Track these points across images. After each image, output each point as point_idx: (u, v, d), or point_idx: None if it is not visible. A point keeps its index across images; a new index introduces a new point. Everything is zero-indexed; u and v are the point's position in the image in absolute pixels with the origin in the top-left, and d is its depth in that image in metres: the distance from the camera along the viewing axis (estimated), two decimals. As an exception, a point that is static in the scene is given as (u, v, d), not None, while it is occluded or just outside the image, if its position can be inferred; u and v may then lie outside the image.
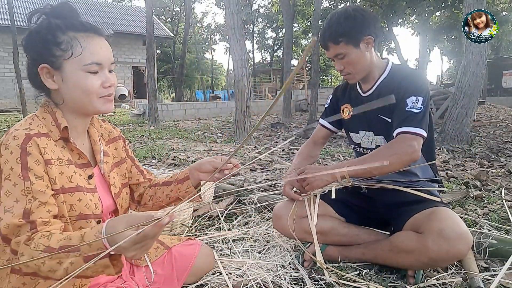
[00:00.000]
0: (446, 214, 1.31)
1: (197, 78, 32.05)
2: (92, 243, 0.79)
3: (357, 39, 1.41)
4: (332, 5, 19.57)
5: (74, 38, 0.92)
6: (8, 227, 0.83)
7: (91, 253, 0.79)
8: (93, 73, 0.94)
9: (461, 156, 4.37)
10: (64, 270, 0.80)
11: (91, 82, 0.93)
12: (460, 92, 5.32)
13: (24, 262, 0.79)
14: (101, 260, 0.79)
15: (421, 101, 1.37)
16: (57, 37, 0.91)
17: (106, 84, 0.96)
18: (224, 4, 6.47)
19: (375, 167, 1.35)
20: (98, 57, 0.94)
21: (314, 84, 9.61)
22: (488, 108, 11.50)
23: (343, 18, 1.41)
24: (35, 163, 0.87)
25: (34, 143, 0.88)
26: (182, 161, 4.06)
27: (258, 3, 45.01)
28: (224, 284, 1.35)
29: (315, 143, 1.79)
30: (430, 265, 1.33)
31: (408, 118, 1.36)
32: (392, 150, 1.35)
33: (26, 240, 0.83)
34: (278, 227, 1.63)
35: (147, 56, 8.97)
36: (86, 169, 1.01)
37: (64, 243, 0.81)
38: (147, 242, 0.80)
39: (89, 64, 0.92)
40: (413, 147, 1.32)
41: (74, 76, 0.93)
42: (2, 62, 15.15)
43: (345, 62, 1.46)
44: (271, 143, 4.35)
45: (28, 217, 0.84)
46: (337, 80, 35.13)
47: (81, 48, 0.92)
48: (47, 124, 0.95)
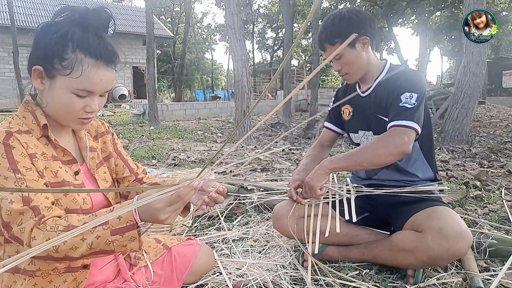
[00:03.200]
0: (446, 213, 1.31)
1: (197, 78, 32.07)
2: (122, 215, 0.83)
3: (352, 40, 1.41)
4: (332, 5, 19.55)
5: (79, 61, 0.88)
6: (11, 213, 0.83)
7: (119, 226, 0.83)
8: (80, 96, 0.92)
9: (461, 156, 4.37)
10: (88, 245, 0.82)
11: (74, 104, 0.91)
12: (460, 92, 5.32)
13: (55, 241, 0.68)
14: (129, 232, 0.83)
15: (415, 97, 1.38)
16: (64, 52, 0.88)
17: (87, 109, 0.94)
18: (224, 4, 6.47)
19: (364, 159, 1.37)
20: (92, 87, 0.91)
21: (314, 84, 9.62)
22: (488, 108, 11.50)
23: (338, 19, 1.44)
24: (21, 156, 0.87)
25: (15, 139, 0.88)
26: (182, 161, 4.06)
27: (258, 3, 45.01)
28: (224, 284, 1.35)
29: (322, 145, 1.79)
30: (430, 264, 1.34)
31: (400, 113, 1.37)
32: (382, 142, 1.36)
33: (37, 224, 0.83)
34: (278, 227, 1.63)
35: (147, 56, 8.97)
36: (71, 165, 1.00)
37: (89, 220, 0.84)
38: (180, 205, 0.85)
39: (80, 90, 0.90)
40: (402, 139, 1.33)
41: (61, 92, 0.91)
42: (2, 62, 15.14)
43: (342, 62, 1.48)
44: (271, 143, 4.36)
45: (29, 203, 0.84)
46: (337, 80, 35.12)
47: (80, 72, 0.89)
48: (27, 123, 0.94)
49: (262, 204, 2.24)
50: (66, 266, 0.95)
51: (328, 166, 1.44)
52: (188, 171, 1.16)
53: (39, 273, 0.92)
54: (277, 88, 22.92)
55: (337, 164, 1.43)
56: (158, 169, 3.36)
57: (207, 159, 4.19)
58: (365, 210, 1.58)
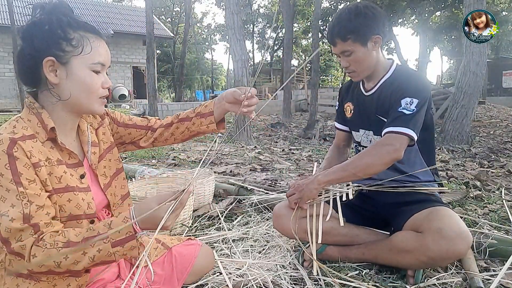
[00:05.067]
0: (446, 213, 1.31)
1: (197, 78, 32.03)
2: (121, 229, 0.87)
3: (365, 37, 1.39)
4: (332, 5, 19.53)
5: (85, 37, 0.94)
6: (10, 231, 0.83)
7: (119, 238, 0.87)
8: (97, 72, 0.96)
9: (461, 156, 4.37)
10: (90, 259, 0.86)
11: (94, 81, 0.96)
12: (460, 92, 5.32)
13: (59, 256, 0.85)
14: (129, 242, 0.88)
15: (415, 104, 1.36)
16: (67, 33, 0.92)
17: (105, 85, 0.99)
18: (224, 4, 6.47)
19: (358, 170, 1.36)
20: (103, 58, 0.97)
21: (314, 84, 9.61)
22: (488, 108, 11.50)
23: (353, 14, 1.39)
24: (25, 167, 0.86)
25: (19, 148, 0.86)
26: (182, 161, 4.06)
27: (258, 3, 45.02)
28: (224, 284, 1.35)
29: (338, 147, 1.77)
30: (430, 265, 1.34)
31: (397, 118, 1.36)
32: (375, 150, 1.36)
33: (36, 242, 0.84)
34: (278, 227, 1.63)
35: (147, 56, 8.97)
36: (77, 169, 1.00)
37: (88, 235, 0.87)
38: (180, 210, 0.94)
39: (95, 64, 0.95)
40: (394, 146, 1.32)
41: (80, 73, 0.94)
42: (2, 62, 15.12)
43: (351, 59, 1.44)
44: (271, 143, 4.38)
45: (29, 221, 0.84)
46: (337, 80, 35.12)
47: (90, 47, 0.94)
48: (32, 126, 0.93)
49: (262, 204, 2.24)
50: None
51: (322, 180, 1.42)
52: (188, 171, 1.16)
53: (44, 277, 0.92)
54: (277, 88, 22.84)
55: (332, 177, 1.41)
56: (158, 169, 3.36)
57: (206, 158, 4.18)
58: (365, 210, 1.58)
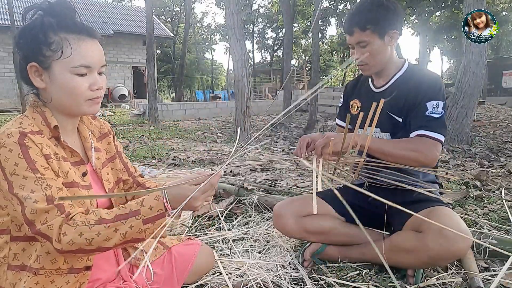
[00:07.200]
0: (446, 213, 1.31)
1: (197, 78, 32.05)
2: (153, 205, 0.90)
3: (384, 30, 1.39)
4: (332, 5, 19.53)
5: (64, 39, 0.92)
6: (36, 212, 0.84)
7: (151, 215, 0.90)
8: (81, 75, 0.94)
9: (461, 156, 4.37)
10: (122, 235, 0.88)
11: (77, 84, 0.93)
12: (460, 92, 5.32)
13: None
14: (159, 220, 0.91)
15: (442, 106, 1.37)
16: (48, 37, 0.91)
17: (93, 87, 0.96)
18: (224, 4, 6.47)
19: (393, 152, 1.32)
20: (87, 60, 0.94)
21: (314, 84, 9.61)
22: (488, 108, 11.49)
23: (376, 5, 1.38)
24: (37, 155, 0.89)
25: (30, 140, 0.89)
26: (182, 161, 4.06)
27: (258, 3, 45.02)
28: (224, 284, 1.35)
29: None
30: (430, 264, 1.33)
31: (429, 123, 1.35)
32: (414, 146, 1.34)
33: (66, 221, 0.85)
34: (278, 226, 1.62)
35: (147, 56, 8.96)
36: (79, 167, 1.01)
37: (120, 212, 0.89)
38: (211, 192, 0.98)
39: (77, 67, 0.92)
40: (434, 153, 1.32)
41: (61, 77, 0.92)
42: (2, 62, 15.11)
43: (365, 51, 1.42)
44: (271, 143, 4.37)
45: (53, 202, 0.86)
46: (337, 80, 35.09)
47: (71, 50, 0.92)
48: (37, 124, 0.95)
49: (262, 204, 2.24)
50: (69, 267, 0.95)
51: (357, 140, 1.35)
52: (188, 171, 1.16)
53: (42, 271, 0.92)
54: (277, 88, 22.92)
55: (365, 142, 1.33)
56: (158, 169, 3.36)
57: (208, 159, 4.19)
58: (365, 210, 1.57)
